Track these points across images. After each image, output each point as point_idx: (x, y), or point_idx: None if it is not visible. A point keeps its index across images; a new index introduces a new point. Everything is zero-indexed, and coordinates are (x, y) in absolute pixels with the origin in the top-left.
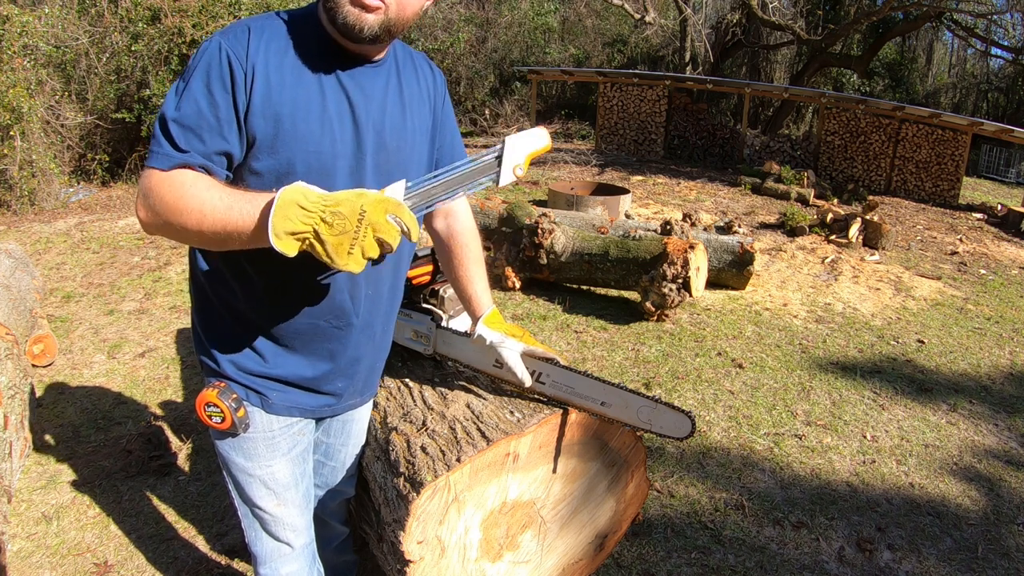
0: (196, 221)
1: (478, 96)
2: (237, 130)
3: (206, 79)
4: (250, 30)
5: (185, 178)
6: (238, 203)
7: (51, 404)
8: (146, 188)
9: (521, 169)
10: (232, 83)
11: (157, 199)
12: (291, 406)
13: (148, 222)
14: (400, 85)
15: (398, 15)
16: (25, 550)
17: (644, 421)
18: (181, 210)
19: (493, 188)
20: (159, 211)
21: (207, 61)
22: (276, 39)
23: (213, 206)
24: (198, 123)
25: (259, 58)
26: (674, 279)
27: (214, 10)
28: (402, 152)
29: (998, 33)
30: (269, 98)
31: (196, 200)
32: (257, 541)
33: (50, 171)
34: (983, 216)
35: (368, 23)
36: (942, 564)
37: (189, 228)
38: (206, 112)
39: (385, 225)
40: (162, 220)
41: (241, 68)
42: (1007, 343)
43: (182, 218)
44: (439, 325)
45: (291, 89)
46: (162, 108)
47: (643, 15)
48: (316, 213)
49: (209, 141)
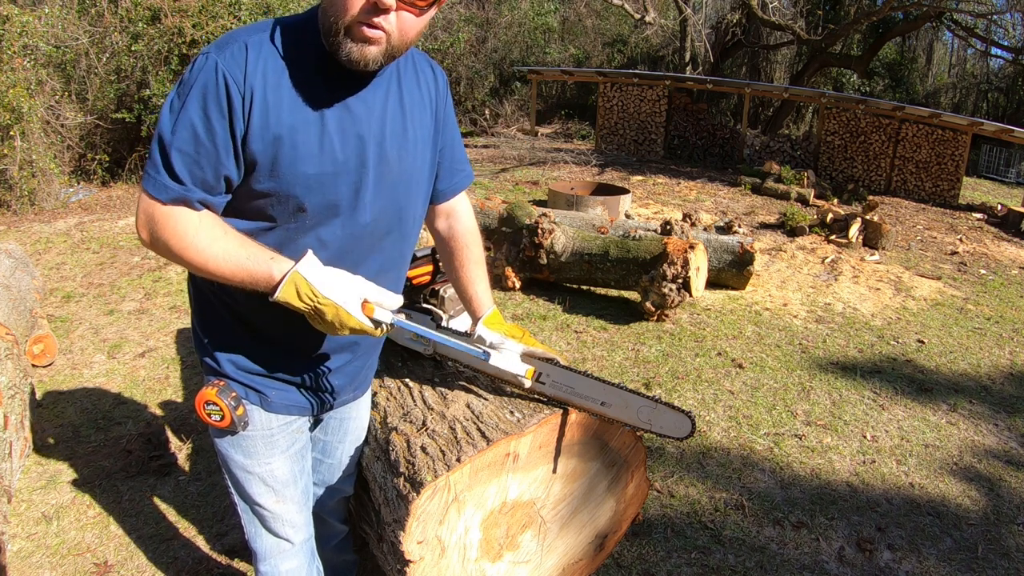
0: (201, 264)
1: (478, 96)
2: (234, 155)
3: (203, 103)
4: (247, 48)
5: (188, 224)
6: (246, 262)
7: (51, 404)
8: (148, 217)
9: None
10: (229, 108)
11: (159, 237)
12: (290, 404)
13: (150, 246)
14: (400, 92)
15: (400, 41)
16: (25, 550)
17: (644, 421)
18: (184, 259)
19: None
20: (161, 247)
21: (203, 83)
22: (274, 57)
23: (219, 261)
24: (196, 150)
25: (257, 80)
26: (674, 279)
27: (214, 10)
28: (404, 162)
29: (998, 33)
30: (267, 120)
31: (200, 249)
32: (257, 538)
33: (50, 171)
34: (983, 216)
35: (371, 55)
36: (942, 564)
37: (193, 267)
38: (203, 139)
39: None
40: (163, 251)
41: (239, 92)
42: (1007, 343)
43: (184, 257)
44: (439, 325)
45: (289, 110)
46: (158, 127)
47: (643, 15)
48: (309, 304)
49: (207, 168)
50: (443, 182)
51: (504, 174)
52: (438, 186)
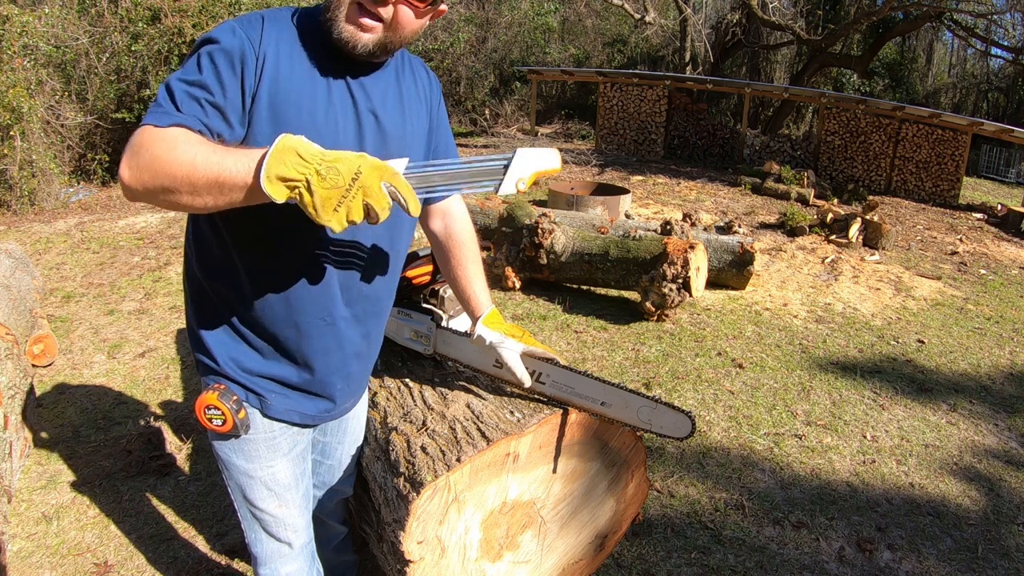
0: (186, 173)
1: (478, 96)
2: (240, 114)
3: (216, 59)
4: (264, 19)
5: (178, 133)
6: (233, 154)
7: (51, 404)
8: (136, 144)
9: (524, 183)
10: (243, 66)
11: (147, 153)
12: (289, 410)
13: (132, 180)
14: (399, 89)
15: (395, 34)
16: (25, 550)
17: (644, 421)
18: (171, 162)
19: (491, 194)
20: (147, 165)
21: (219, 40)
22: (288, 32)
23: (206, 157)
24: (203, 95)
25: (271, 47)
26: (674, 279)
27: (214, 10)
28: (402, 153)
29: (998, 33)
30: (277, 86)
31: (188, 153)
32: (257, 543)
33: (50, 171)
34: (983, 216)
35: (363, 41)
36: (942, 564)
37: (178, 179)
38: (213, 88)
39: (377, 192)
40: (148, 175)
41: (253, 53)
42: (1007, 343)
43: (171, 169)
44: (439, 325)
45: (299, 81)
46: (167, 79)
47: (643, 15)
48: (312, 164)
49: (211, 114)
50: None
51: None
52: None
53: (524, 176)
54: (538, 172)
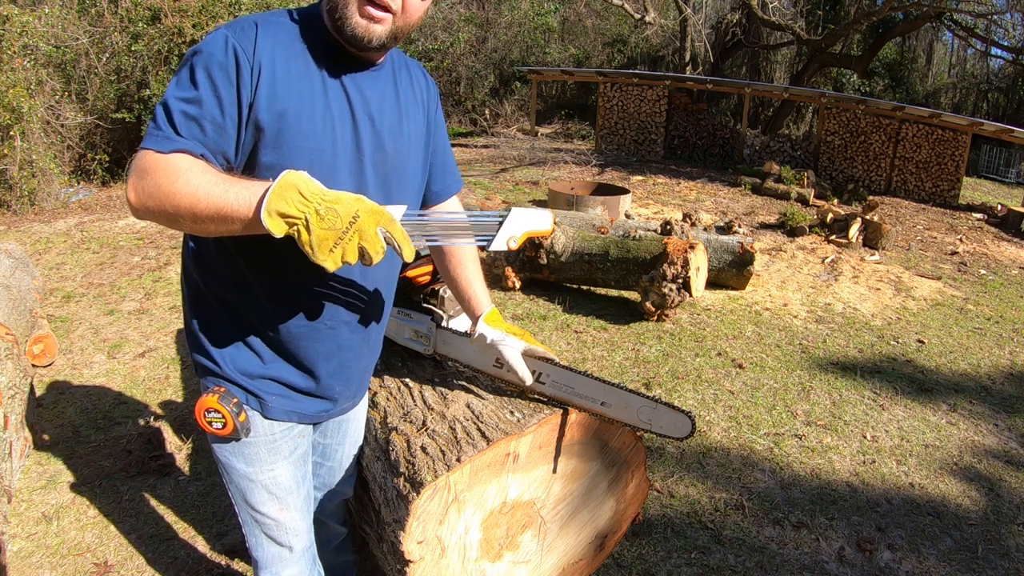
0: (190, 203)
1: (478, 96)
2: (238, 126)
3: (211, 71)
4: (257, 26)
5: (181, 162)
6: (235, 185)
7: (51, 404)
8: (140, 168)
9: (515, 242)
10: (237, 77)
11: (151, 181)
12: (290, 411)
13: (138, 204)
14: (397, 91)
15: (404, 22)
16: (25, 550)
17: (644, 421)
18: (174, 193)
19: (482, 248)
20: (151, 192)
21: (212, 53)
22: (282, 36)
23: (208, 189)
24: (200, 113)
25: (265, 54)
26: (674, 279)
27: (214, 10)
28: (399, 154)
29: (998, 33)
30: (274, 93)
31: (191, 184)
32: (258, 547)
33: (50, 171)
34: (983, 216)
35: (376, 33)
36: (942, 564)
37: (181, 209)
38: (209, 104)
39: (372, 237)
40: (154, 202)
41: (248, 63)
42: (1007, 343)
43: (175, 200)
44: (439, 325)
45: (296, 86)
46: (164, 95)
47: (643, 15)
48: (312, 203)
49: (211, 132)
50: (437, 183)
51: (504, 174)
52: (432, 187)
53: (515, 235)
54: (529, 232)
